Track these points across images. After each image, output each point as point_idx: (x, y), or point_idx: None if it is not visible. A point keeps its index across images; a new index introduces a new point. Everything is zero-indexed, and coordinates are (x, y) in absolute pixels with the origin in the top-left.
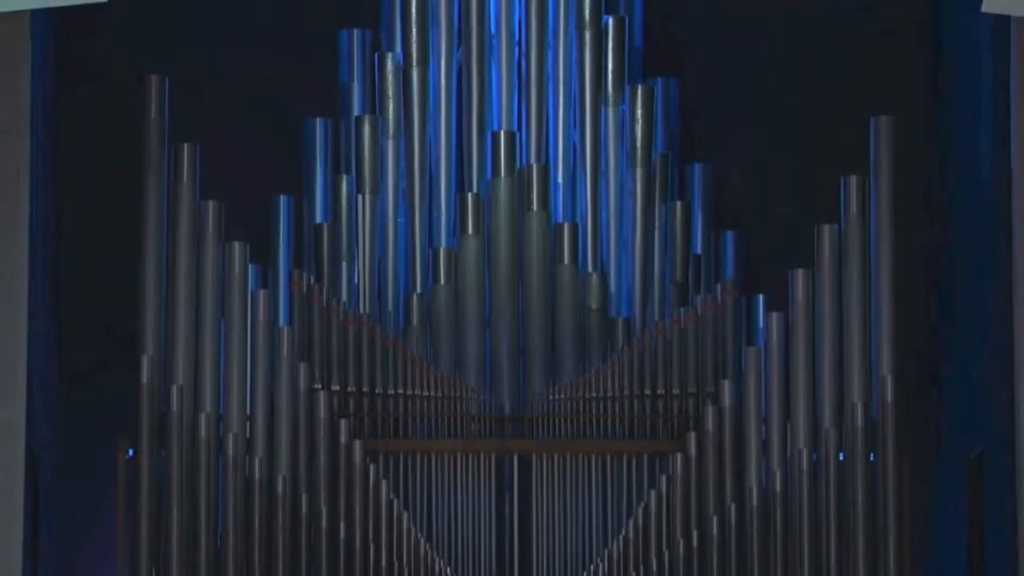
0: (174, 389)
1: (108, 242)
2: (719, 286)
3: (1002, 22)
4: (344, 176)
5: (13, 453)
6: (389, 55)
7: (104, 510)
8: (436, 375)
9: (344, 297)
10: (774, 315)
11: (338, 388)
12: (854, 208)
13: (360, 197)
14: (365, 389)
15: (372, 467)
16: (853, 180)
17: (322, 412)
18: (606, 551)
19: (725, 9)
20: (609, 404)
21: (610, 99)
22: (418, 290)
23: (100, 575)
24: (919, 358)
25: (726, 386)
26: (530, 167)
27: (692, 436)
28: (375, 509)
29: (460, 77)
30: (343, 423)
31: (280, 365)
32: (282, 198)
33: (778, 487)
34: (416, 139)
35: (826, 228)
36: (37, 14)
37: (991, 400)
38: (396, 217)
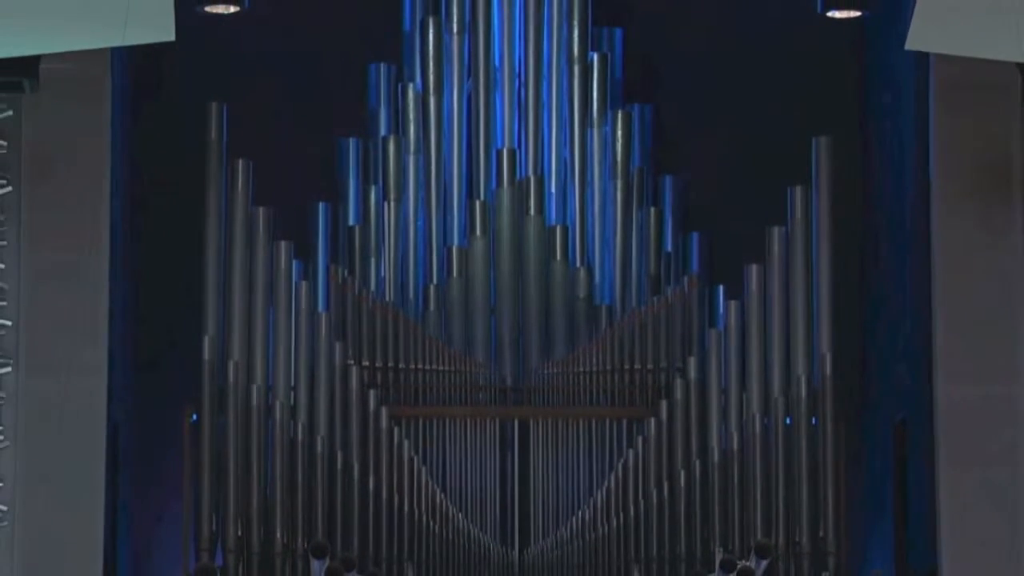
0: (231, 365)
1: (176, 241)
2: (686, 278)
3: (923, 58)
4: (373, 186)
5: (96, 419)
6: (410, 85)
7: (172, 466)
8: (449, 353)
9: (373, 288)
10: (732, 303)
11: (368, 364)
12: (799, 213)
13: (386, 204)
14: (390, 364)
15: (396, 429)
16: (798, 190)
17: (354, 384)
18: (591, 500)
19: (691, 48)
20: (594, 377)
21: (595, 122)
22: (434, 282)
23: (169, 521)
24: (853, 338)
25: (692, 362)
26: (528, 179)
27: (663, 404)
28: (398, 465)
29: (470, 103)
30: (372, 393)
31: (319, 345)
32: (321, 204)
33: (735, 446)
34: (432, 155)
35: (775, 230)
36: (116, 51)
37: (913, 374)
38: (416, 221)
